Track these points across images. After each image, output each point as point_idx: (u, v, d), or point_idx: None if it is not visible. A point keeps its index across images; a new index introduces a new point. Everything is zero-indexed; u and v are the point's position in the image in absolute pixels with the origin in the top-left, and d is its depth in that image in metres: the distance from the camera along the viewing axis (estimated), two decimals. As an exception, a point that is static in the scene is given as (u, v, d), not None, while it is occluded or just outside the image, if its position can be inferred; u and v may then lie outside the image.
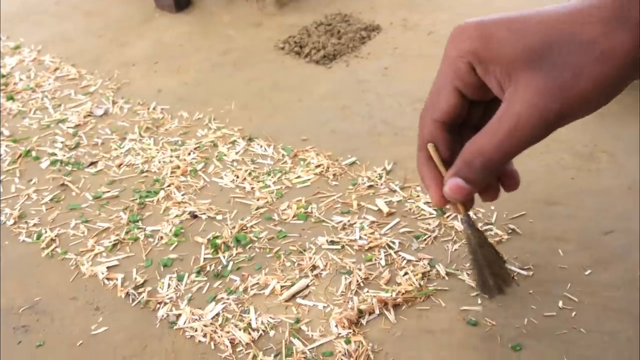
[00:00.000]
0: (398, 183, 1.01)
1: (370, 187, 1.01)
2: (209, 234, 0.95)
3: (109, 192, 1.06)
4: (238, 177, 1.06)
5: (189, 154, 1.13)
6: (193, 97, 1.31)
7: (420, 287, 0.83)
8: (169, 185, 1.06)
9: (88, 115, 1.28)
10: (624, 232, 0.89)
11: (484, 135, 0.43)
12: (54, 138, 1.22)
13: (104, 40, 1.59)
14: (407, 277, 0.85)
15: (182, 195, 1.04)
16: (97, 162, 1.14)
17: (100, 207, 1.04)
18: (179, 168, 1.10)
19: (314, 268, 0.88)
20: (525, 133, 0.41)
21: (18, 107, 1.33)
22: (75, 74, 1.44)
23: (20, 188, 1.10)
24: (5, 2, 1.83)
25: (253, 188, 1.03)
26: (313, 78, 1.34)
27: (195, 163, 1.11)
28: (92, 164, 1.14)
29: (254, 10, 1.62)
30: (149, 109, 1.28)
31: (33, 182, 1.11)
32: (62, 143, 1.20)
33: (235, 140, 1.15)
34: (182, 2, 1.66)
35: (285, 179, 1.05)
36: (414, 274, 0.85)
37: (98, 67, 1.47)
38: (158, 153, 1.14)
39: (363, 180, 1.02)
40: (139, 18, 1.67)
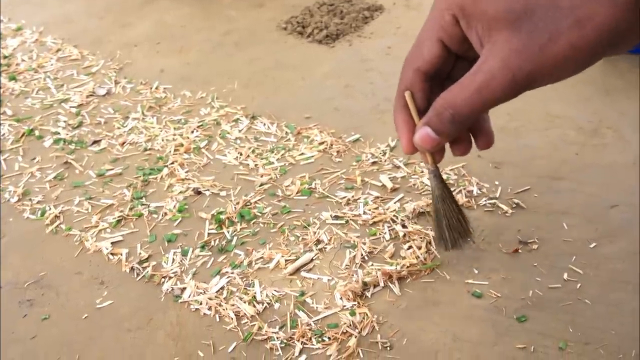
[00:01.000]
0: (402, 159, 1.01)
1: (374, 163, 1.01)
2: (213, 210, 0.95)
3: (113, 169, 1.06)
4: (241, 154, 1.06)
5: (192, 132, 1.13)
6: (195, 76, 1.31)
7: (425, 260, 0.83)
8: (173, 163, 1.06)
9: (91, 95, 1.28)
10: (629, 206, 0.88)
11: (456, 88, 0.43)
12: (57, 117, 1.22)
13: (106, 22, 1.58)
14: (411, 250, 0.85)
15: (185, 172, 1.04)
16: (100, 140, 1.14)
17: (104, 184, 1.04)
18: (182, 146, 1.09)
19: (318, 242, 0.88)
20: (495, 90, 0.41)
21: (20, 87, 1.33)
22: (78, 55, 1.43)
23: (24, 166, 1.10)
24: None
25: (257, 165, 1.03)
26: (316, 57, 1.33)
27: (199, 141, 1.10)
28: (95, 143, 1.14)
29: (256, -9, 1.61)
30: (152, 89, 1.28)
31: (36, 160, 1.11)
32: (65, 122, 1.20)
33: (239, 119, 1.15)
34: (183, -17, 1.65)
35: (289, 156, 1.04)
36: (418, 248, 0.85)
37: (100, 47, 1.46)
38: (161, 131, 1.14)
39: (367, 157, 1.02)
40: (141, -1, 1.66)
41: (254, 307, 0.80)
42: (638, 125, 1.01)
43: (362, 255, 0.85)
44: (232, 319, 0.79)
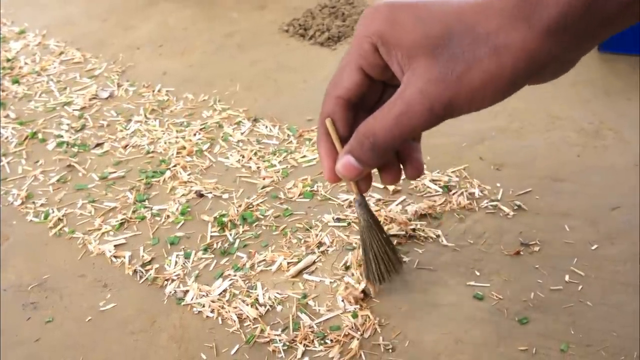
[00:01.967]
0: (404, 161, 1.01)
1: (376, 165, 1.01)
2: (216, 213, 0.96)
3: (115, 172, 1.07)
4: (244, 157, 1.07)
5: (195, 135, 1.13)
6: (198, 79, 1.31)
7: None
8: (175, 165, 1.06)
9: (93, 98, 1.29)
10: (631, 207, 0.89)
11: (376, 117, 0.42)
12: (60, 120, 1.22)
13: (108, 24, 1.59)
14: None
15: (188, 175, 1.04)
16: (103, 143, 1.15)
17: (107, 187, 1.04)
18: (185, 149, 1.10)
19: (321, 245, 0.88)
20: (412, 119, 0.40)
21: (24, 90, 1.33)
22: (80, 58, 1.44)
23: (27, 169, 1.10)
24: (9, -13, 1.83)
25: (259, 167, 1.04)
26: (318, 60, 1.33)
27: (201, 143, 1.11)
28: (98, 145, 1.14)
29: (258, -7, 1.62)
30: (154, 91, 1.28)
31: (40, 163, 1.11)
32: (68, 125, 1.20)
33: (241, 121, 1.16)
34: (185, -15, 1.66)
35: (291, 159, 1.05)
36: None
37: (103, 50, 1.47)
38: (164, 134, 1.15)
39: (369, 159, 1.02)
40: (143, 1, 1.67)
41: (257, 309, 0.80)
42: (638, 127, 1.02)
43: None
44: (234, 322, 0.79)
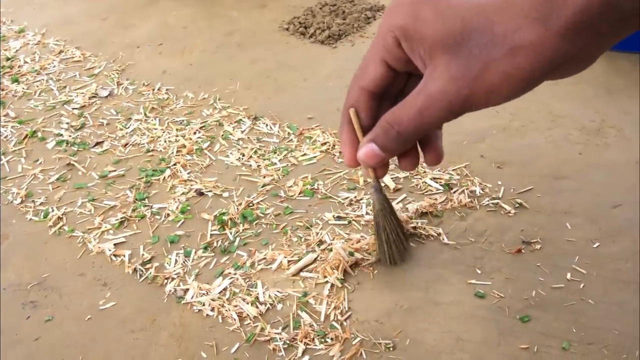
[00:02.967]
0: (404, 159, 1.00)
1: (377, 163, 1.01)
2: (216, 211, 0.95)
3: (115, 171, 1.06)
4: (244, 155, 1.06)
5: (195, 134, 1.13)
6: (198, 77, 1.31)
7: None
8: (175, 164, 1.06)
9: (93, 97, 1.28)
10: (632, 205, 0.88)
11: (402, 107, 0.43)
12: (60, 119, 1.22)
13: (108, 23, 1.58)
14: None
15: (188, 174, 1.04)
16: (102, 142, 1.14)
17: (107, 185, 1.04)
18: (185, 147, 1.09)
19: (321, 243, 0.88)
20: (434, 114, 0.42)
21: (23, 89, 1.33)
22: (80, 57, 1.44)
23: (27, 168, 1.10)
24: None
25: (259, 166, 1.03)
26: (318, 58, 1.33)
27: (201, 142, 1.11)
28: (97, 144, 1.14)
29: (258, -8, 1.61)
30: (154, 90, 1.28)
31: (39, 162, 1.11)
32: (67, 124, 1.20)
33: (241, 120, 1.15)
34: (185, -16, 1.66)
35: (291, 157, 1.04)
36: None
37: (102, 49, 1.46)
38: (164, 133, 1.14)
39: (369, 157, 1.02)
40: (143, 0, 1.66)
41: (257, 308, 0.80)
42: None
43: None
44: (234, 320, 0.79)
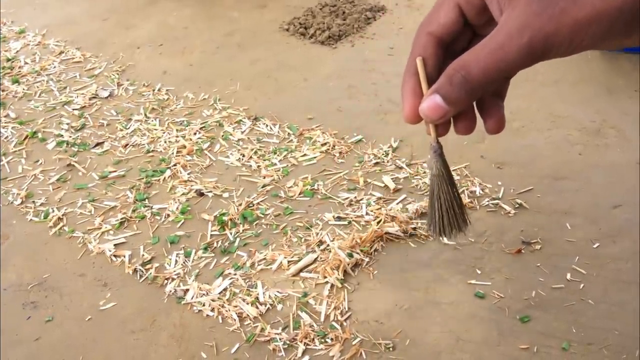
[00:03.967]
0: (404, 160, 1.01)
1: (377, 164, 1.01)
2: (216, 212, 0.95)
3: (115, 171, 1.06)
4: (244, 155, 1.06)
5: (195, 134, 1.13)
6: (198, 78, 1.31)
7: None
8: (175, 165, 1.06)
9: (93, 97, 1.28)
10: (632, 206, 0.88)
11: (471, 51, 0.41)
12: (60, 120, 1.22)
13: (109, 24, 1.58)
14: (414, 251, 0.84)
15: (188, 174, 1.04)
16: (103, 142, 1.14)
17: (107, 186, 1.04)
18: (185, 147, 1.09)
19: (321, 243, 0.88)
20: (509, 54, 0.39)
21: (23, 90, 1.33)
22: (80, 57, 1.44)
23: (27, 169, 1.10)
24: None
25: (259, 166, 1.03)
26: (318, 58, 1.33)
27: (201, 142, 1.11)
28: (98, 145, 1.14)
29: (258, -7, 1.61)
30: (154, 91, 1.28)
31: (39, 162, 1.11)
32: (67, 124, 1.20)
33: (241, 120, 1.15)
34: (186, -15, 1.66)
35: (292, 157, 1.04)
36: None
37: (103, 49, 1.46)
38: (164, 133, 1.14)
39: (369, 158, 1.02)
40: (144, 1, 1.66)
41: (257, 308, 0.80)
42: None
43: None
44: (235, 320, 0.79)
